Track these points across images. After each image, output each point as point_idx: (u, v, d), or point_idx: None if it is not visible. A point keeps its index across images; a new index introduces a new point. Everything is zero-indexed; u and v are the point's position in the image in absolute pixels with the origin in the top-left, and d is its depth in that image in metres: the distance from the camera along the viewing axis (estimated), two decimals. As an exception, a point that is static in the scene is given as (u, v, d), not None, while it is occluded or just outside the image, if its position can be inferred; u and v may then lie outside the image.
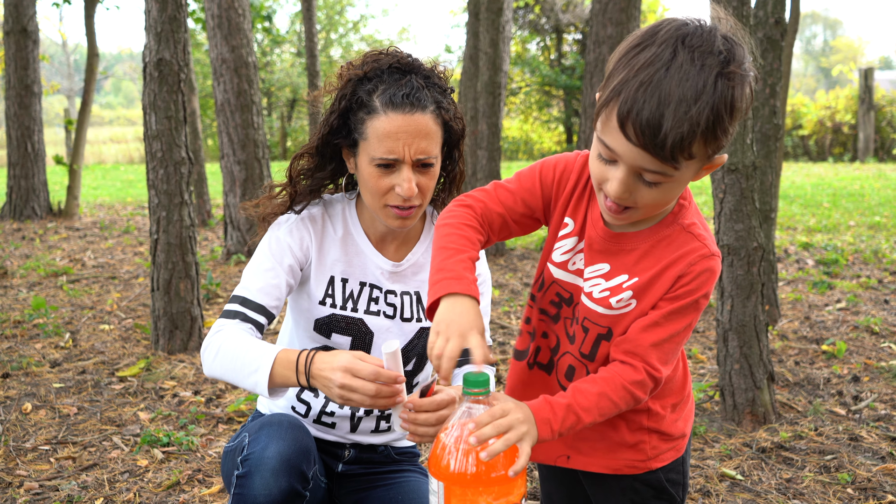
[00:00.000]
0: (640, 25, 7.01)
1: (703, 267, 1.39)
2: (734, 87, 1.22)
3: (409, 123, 1.67)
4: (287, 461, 1.59)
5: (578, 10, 21.70)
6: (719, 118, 1.21)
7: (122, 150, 25.83)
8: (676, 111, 1.19)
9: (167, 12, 3.94)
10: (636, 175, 1.28)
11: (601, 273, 1.46)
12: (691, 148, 1.22)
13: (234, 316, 1.70)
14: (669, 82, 1.20)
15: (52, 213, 9.71)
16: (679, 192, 1.35)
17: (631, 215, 1.36)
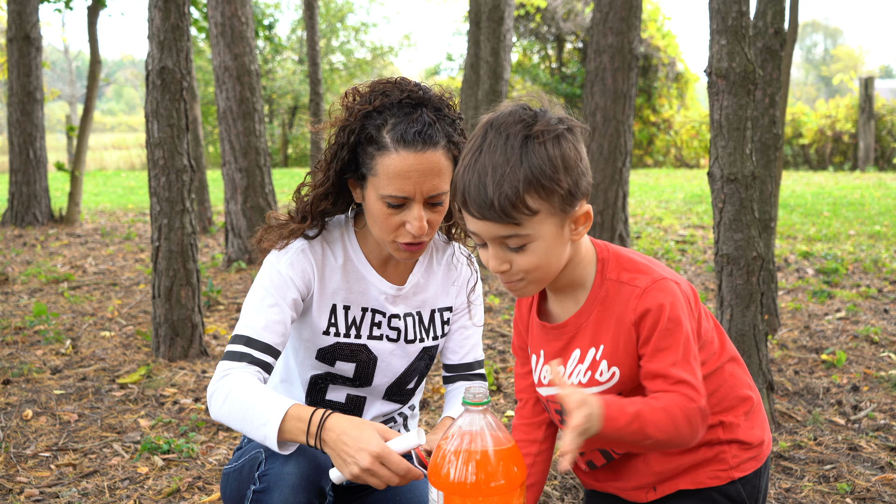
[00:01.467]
0: (640, 34, 7.04)
1: (646, 305, 1.43)
2: (545, 143, 1.36)
3: (421, 162, 1.63)
4: (306, 478, 1.60)
5: (579, 18, 21.76)
6: (540, 172, 1.35)
7: (123, 157, 25.86)
8: (493, 177, 1.35)
9: (170, 21, 3.96)
10: (501, 246, 1.41)
11: (576, 360, 1.52)
12: (525, 205, 1.35)
13: (241, 358, 1.66)
14: (483, 159, 1.37)
15: (54, 219, 9.73)
16: (558, 253, 1.43)
17: (524, 285, 1.46)
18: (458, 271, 1.93)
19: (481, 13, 7.18)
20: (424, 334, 1.88)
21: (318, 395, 1.86)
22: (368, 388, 1.85)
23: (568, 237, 1.43)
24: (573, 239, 1.44)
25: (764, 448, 1.59)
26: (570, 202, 1.39)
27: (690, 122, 23.05)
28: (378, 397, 1.87)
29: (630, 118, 7.13)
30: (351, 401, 1.86)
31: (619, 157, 7.12)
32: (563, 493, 2.66)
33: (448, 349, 1.96)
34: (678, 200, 12.37)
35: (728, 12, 3.06)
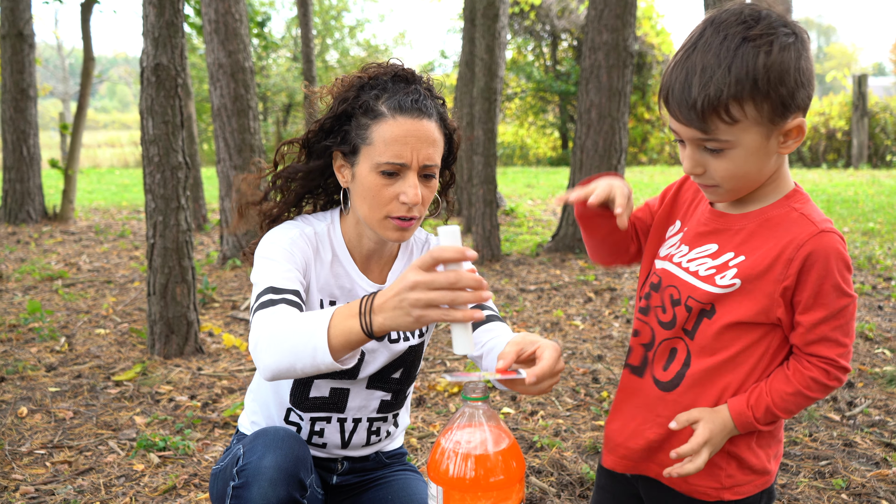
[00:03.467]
0: (635, 32, 7.04)
1: (812, 247, 1.35)
2: (762, 47, 1.29)
3: (418, 128, 1.65)
4: (284, 470, 1.57)
5: (574, 16, 21.78)
6: (751, 78, 1.28)
7: (117, 154, 25.80)
8: (701, 78, 1.30)
9: (164, 17, 3.95)
10: (699, 147, 1.37)
11: (708, 253, 1.47)
12: (728, 110, 1.29)
13: (276, 303, 1.55)
14: (695, 56, 1.32)
15: (48, 216, 9.71)
16: (759, 164, 1.37)
17: (719, 192, 1.42)
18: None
19: (476, 10, 7.18)
20: (409, 333, 1.85)
21: (302, 391, 1.84)
22: (351, 380, 1.84)
23: (774, 149, 1.36)
24: (780, 152, 1.37)
25: (765, 478, 1.51)
26: (782, 113, 1.32)
27: (685, 120, 23.04)
28: (362, 386, 1.86)
29: (625, 115, 7.14)
30: (335, 393, 1.85)
31: (614, 155, 7.13)
32: (560, 489, 2.67)
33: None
34: (673, 198, 12.38)
35: (724, 9, 3.06)
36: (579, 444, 3.04)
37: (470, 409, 1.32)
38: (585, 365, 4.04)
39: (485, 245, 6.85)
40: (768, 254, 1.38)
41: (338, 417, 1.85)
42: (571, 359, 4.16)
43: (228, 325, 4.89)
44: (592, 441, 3.04)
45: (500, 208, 10.42)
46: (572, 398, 3.56)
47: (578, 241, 7.25)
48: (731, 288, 1.41)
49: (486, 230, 6.87)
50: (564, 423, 3.26)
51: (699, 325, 1.45)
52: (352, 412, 1.86)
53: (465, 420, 1.32)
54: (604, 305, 5.39)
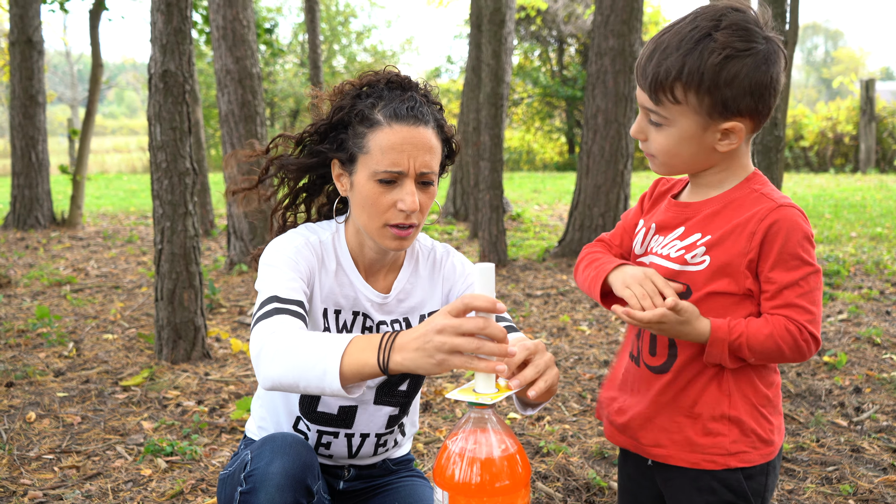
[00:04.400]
0: (641, 37, 7.05)
1: (772, 219, 1.44)
2: (717, 48, 1.39)
3: (415, 136, 1.64)
4: (292, 476, 1.57)
5: (580, 21, 21.78)
6: (698, 72, 1.40)
7: (124, 160, 25.92)
8: (661, 55, 1.43)
9: (172, 24, 3.97)
10: (646, 116, 1.50)
11: (676, 236, 1.56)
12: (673, 91, 1.43)
13: (278, 312, 1.54)
14: (666, 35, 1.45)
15: (56, 222, 9.75)
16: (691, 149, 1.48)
17: (655, 163, 1.54)
18: (442, 264, 1.90)
19: (482, 16, 7.19)
20: None
21: (311, 402, 1.85)
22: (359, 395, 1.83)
23: (710, 143, 1.47)
24: (718, 148, 1.47)
25: (770, 449, 1.54)
26: (721, 112, 1.43)
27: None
28: (369, 402, 1.86)
29: (631, 121, 7.14)
30: (343, 410, 1.84)
31: (620, 160, 7.13)
32: (567, 494, 2.67)
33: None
34: (679, 203, 12.37)
35: (730, 15, 3.07)
36: (586, 450, 3.04)
37: (476, 415, 1.33)
38: (592, 370, 4.04)
39: (491, 250, 6.86)
40: (733, 230, 1.47)
41: (345, 433, 1.85)
42: (578, 364, 4.16)
43: (236, 330, 4.90)
44: (599, 446, 3.04)
45: (507, 213, 10.43)
46: (578, 403, 3.56)
47: (585, 246, 7.25)
48: (702, 265, 1.50)
49: (493, 235, 6.87)
50: (571, 429, 3.26)
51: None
52: (360, 427, 1.86)
53: (471, 425, 1.33)
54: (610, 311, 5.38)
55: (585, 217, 7.24)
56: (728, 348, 1.45)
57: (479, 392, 1.32)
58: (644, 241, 1.64)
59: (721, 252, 1.48)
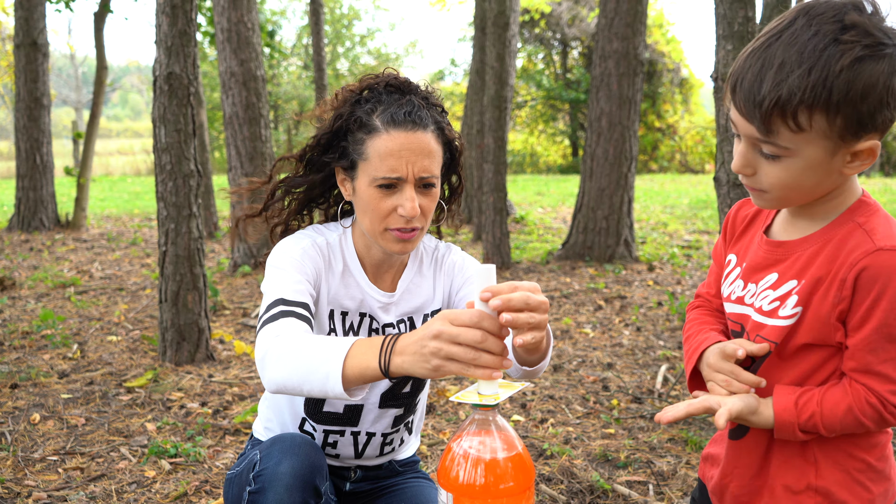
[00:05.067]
0: (645, 40, 7.05)
1: (864, 265, 1.21)
2: (853, 54, 1.14)
3: (412, 141, 1.64)
4: (301, 477, 1.58)
5: (584, 24, 21.80)
6: (829, 88, 1.14)
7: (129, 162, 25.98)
8: (777, 74, 1.16)
9: (177, 27, 3.98)
10: (753, 147, 1.25)
11: (769, 284, 1.34)
12: (796, 117, 1.16)
13: (285, 315, 1.55)
14: (778, 47, 1.17)
15: (60, 224, 9.77)
16: (815, 180, 1.24)
17: (764, 198, 1.30)
18: (443, 261, 1.90)
19: (487, 19, 7.21)
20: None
21: (316, 403, 1.85)
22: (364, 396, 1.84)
23: (838, 168, 1.22)
24: (845, 172, 1.23)
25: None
26: (855, 132, 1.18)
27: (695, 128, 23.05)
28: (374, 405, 1.86)
29: (635, 123, 7.14)
30: (348, 409, 1.85)
31: (624, 163, 7.12)
32: (570, 497, 2.66)
33: None
34: (683, 206, 12.37)
35: (734, 17, 3.07)
36: (589, 452, 3.04)
37: (480, 416, 1.33)
38: (595, 373, 4.03)
39: (495, 253, 6.86)
40: (827, 276, 1.25)
41: (351, 431, 1.86)
42: (581, 367, 4.15)
43: (239, 332, 4.91)
44: (602, 449, 3.04)
45: (511, 216, 10.43)
46: (582, 406, 3.56)
47: (588, 248, 7.25)
48: (794, 318, 1.28)
49: (497, 238, 6.87)
50: (574, 431, 3.25)
51: (764, 360, 1.35)
52: (365, 426, 1.87)
53: (475, 427, 1.33)
54: (614, 313, 5.38)
55: (589, 220, 7.24)
56: (799, 430, 1.28)
57: (483, 394, 1.32)
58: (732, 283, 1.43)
59: (814, 302, 1.26)
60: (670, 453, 3.03)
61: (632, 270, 6.92)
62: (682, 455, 3.01)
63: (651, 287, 6.27)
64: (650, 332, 4.85)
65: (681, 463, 2.93)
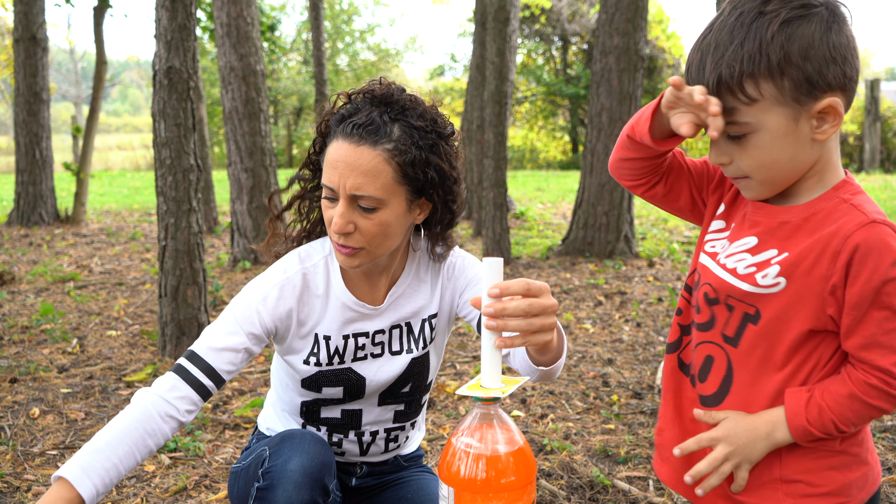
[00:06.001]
0: (646, 36, 7.03)
1: (860, 238, 1.20)
2: (778, 20, 1.18)
3: (350, 156, 1.57)
4: (310, 474, 1.58)
5: (584, 19, 21.77)
6: (764, 53, 1.18)
7: (128, 157, 25.95)
8: (713, 57, 1.22)
9: (177, 21, 3.97)
10: (722, 134, 1.27)
11: (747, 248, 1.33)
12: (743, 88, 1.20)
13: (180, 373, 1.61)
14: (710, 37, 1.24)
15: (60, 219, 9.76)
16: (790, 151, 1.24)
17: (752, 186, 1.31)
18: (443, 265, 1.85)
19: (487, 14, 7.19)
20: (413, 344, 1.82)
21: (311, 416, 1.85)
22: (361, 401, 1.83)
23: (808, 134, 1.23)
24: (816, 137, 1.23)
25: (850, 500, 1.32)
26: (808, 91, 1.19)
27: (695, 124, 23.01)
28: (374, 405, 1.85)
29: (636, 119, 7.12)
30: (347, 414, 1.84)
31: (624, 158, 7.11)
32: (570, 492, 2.66)
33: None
34: (683, 202, 12.34)
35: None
36: (589, 448, 3.04)
37: (482, 410, 1.32)
38: (595, 368, 4.03)
39: (495, 248, 6.85)
40: (814, 248, 1.24)
41: (355, 432, 1.86)
42: (581, 362, 4.15)
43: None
44: (602, 444, 3.04)
45: (511, 212, 10.42)
46: (582, 401, 3.56)
47: (588, 244, 7.24)
48: (776, 288, 1.27)
49: (497, 233, 6.87)
50: (574, 427, 3.25)
51: (743, 332, 1.32)
52: (368, 427, 1.87)
53: (476, 421, 1.32)
54: (614, 309, 5.38)
55: (589, 215, 7.23)
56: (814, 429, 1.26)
57: (486, 387, 1.32)
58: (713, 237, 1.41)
59: (800, 273, 1.25)
60: (670, 449, 3.03)
61: (632, 266, 6.92)
62: (682, 450, 3.01)
63: (651, 283, 6.26)
64: (650, 328, 4.85)
65: (681, 458, 2.93)
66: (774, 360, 1.30)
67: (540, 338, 1.34)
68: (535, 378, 1.61)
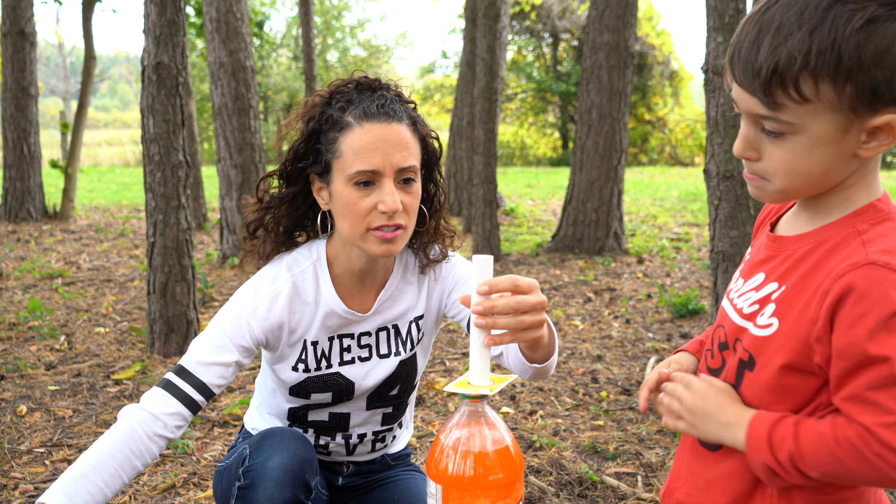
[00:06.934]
0: (636, 32, 7.04)
1: (852, 280, 1.03)
2: (862, 15, 0.99)
3: (387, 133, 1.58)
4: (290, 472, 1.57)
5: (575, 16, 21.79)
6: (837, 50, 1.00)
7: (117, 153, 25.82)
8: (775, 38, 1.02)
9: (166, 16, 3.95)
10: (755, 125, 1.10)
11: (754, 285, 1.19)
12: (798, 86, 1.02)
13: (168, 388, 1.59)
14: (776, 10, 1.04)
15: (48, 215, 9.71)
16: (824, 162, 1.08)
17: (767, 190, 1.14)
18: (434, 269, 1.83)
19: (477, 10, 7.18)
20: (401, 347, 1.81)
21: (298, 420, 1.84)
22: (349, 404, 1.83)
23: (851, 149, 1.06)
24: (859, 153, 1.07)
25: None
26: (869, 103, 1.02)
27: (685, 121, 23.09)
28: (362, 409, 1.85)
29: (625, 116, 7.14)
30: (334, 418, 1.84)
31: (614, 155, 7.13)
32: (559, 488, 2.67)
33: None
34: (673, 198, 12.40)
35: (725, 10, 3.07)
36: (578, 444, 3.04)
37: (470, 408, 1.32)
38: (585, 365, 4.04)
39: (485, 245, 6.86)
40: (809, 285, 1.09)
41: (342, 435, 1.86)
42: (571, 359, 4.16)
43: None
44: (591, 441, 3.04)
45: (501, 208, 10.43)
46: (571, 398, 3.56)
47: (578, 241, 7.25)
48: (769, 329, 1.13)
49: (486, 230, 6.87)
50: (563, 423, 3.26)
51: (742, 380, 1.18)
52: (356, 429, 1.86)
53: (464, 418, 1.32)
54: (603, 305, 5.39)
55: (579, 212, 7.24)
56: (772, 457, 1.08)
57: (475, 384, 1.32)
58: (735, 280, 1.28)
59: (792, 315, 1.10)
60: (659, 445, 3.04)
61: (621, 263, 6.93)
62: (670, 447, 3.02)
63: (640, 279, 6.28)
64: (639, 325, 4.87)
65: (669, 455, 2.94)
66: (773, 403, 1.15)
67: (530, 334, 1.34)
68: (530, 376, 1.60)
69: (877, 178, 1.13)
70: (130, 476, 1.52)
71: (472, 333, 1.32)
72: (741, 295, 1.21)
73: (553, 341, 1.57)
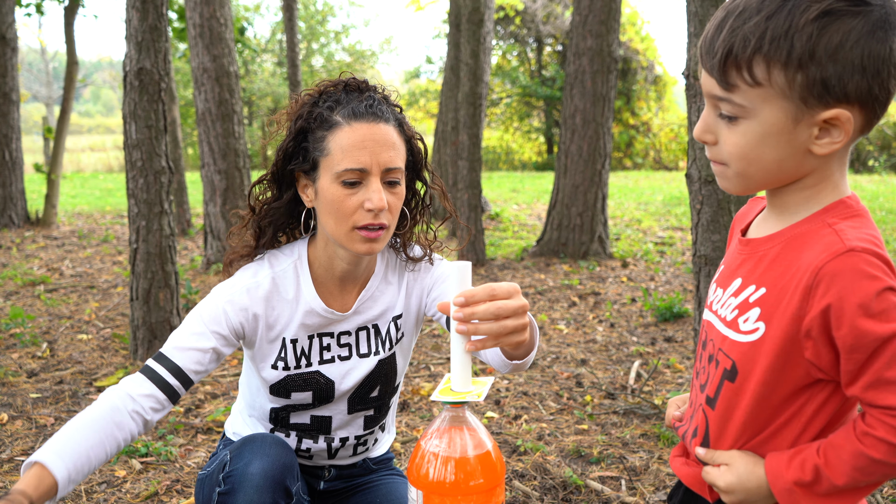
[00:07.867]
0: (619, 37, 7.08)
1: (833, 269, 1.03)
2: (815, 6, 1.02)
3: (375, 132, 1.61)
4: (271, 477, 1.57)
5: (559, 21, 21.86)
6: (790, 39, 1.02)
7: (100, 159, 25.66)
8: (736, 21, 1.06)
9: (148, 21, 3.94)
10: (713, 108, 1.13)
11: (732, 290, 1.19)
12: (751, 68, 1.05)
13: (144, 372, 1.60)
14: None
15: (30, 221, 9.63)
16: (777, 151, 1.10)
17: (726, 175, 1.16)
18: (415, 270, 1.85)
19: (461, 15, 7.20)
20: (380, 346, 1.82)
21: (280, 422, 1.84)
22: (331, 406, 1.83)
23: (804, 142, 1.08)
24: (814, 150, 1.08)
25: None
26: (819, 95, 1.03)
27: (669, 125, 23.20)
28: (343, 412, 1.85)
29: (609, 120, 7.17)
30: (316, 420, 1.84)
31: (598, 160, 7.15)
32: (543, 493, 2.67)
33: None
34: (657, 202, 12.45)
35: (706, 15, 3.09)
36: (562, 448, 3.05)
37: (451, 413, 1.33)
38: (569, 369, 4.05)
39: (469, 249, 6.86)
40: (789, 282, 1.09)
41: (324, 438, 1.86)
42: (555, 363, 4.17)
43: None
44: (576, 445, 3.05)
45: (485, 213, 10.44)
46: (556, 402, 3.57)
47: (563, 245, 7.27)
48: (755, 335, 1.13)
49: (471, 234, 6.88)
50: (548, 427, 3.26)
51: (720, 392, 1.18)
52: (338, 432, 1.86)
53: (445, 424, 1.32)
54: (588, 310, 5.41)
55: (563, 216, 7.26)
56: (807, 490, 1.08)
57: (456, 391, 1.32)
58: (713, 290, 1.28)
59: (776, 315, 1.10)
60: (643, 448, 3.05)
61: (606, 267, 6.96)
62: (654, 450, 3.03)
63: (625, 283, 6.30)
64: (624, 329, 4.88)
65: (653, 458, 2.95)
66: (755, 425, 1.15)
67: (513, 339, 1.33)
68: (508, 370, 1.62)
69: (844, 179, 1.16)
70: (111, 450, 1.51)
71: (452, 339, 1.32)
72: (723, 304, 1.21)
73: (534, 337, 1.58)
